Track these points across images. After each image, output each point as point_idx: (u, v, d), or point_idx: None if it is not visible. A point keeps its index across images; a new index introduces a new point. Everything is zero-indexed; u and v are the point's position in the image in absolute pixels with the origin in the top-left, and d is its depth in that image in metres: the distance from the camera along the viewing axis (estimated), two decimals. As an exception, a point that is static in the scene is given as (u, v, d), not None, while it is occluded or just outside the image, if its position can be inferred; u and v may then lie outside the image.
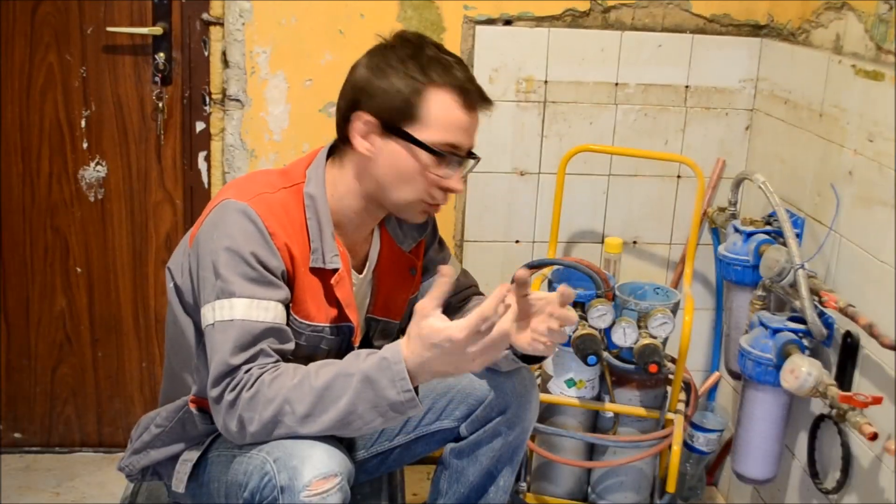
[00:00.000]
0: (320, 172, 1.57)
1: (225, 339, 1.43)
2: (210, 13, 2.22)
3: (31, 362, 2.45)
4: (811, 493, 1.97)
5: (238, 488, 1.47)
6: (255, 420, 1.40)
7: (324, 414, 1.38)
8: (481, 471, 1.76)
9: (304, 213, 1.54)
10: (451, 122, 1.50)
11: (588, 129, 2.31)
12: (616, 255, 2.14)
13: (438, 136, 1.50)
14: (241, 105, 2.24)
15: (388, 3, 2.19)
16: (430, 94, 1.49)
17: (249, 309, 1.44)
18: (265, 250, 1.46)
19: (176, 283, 1.60)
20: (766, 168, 2.23)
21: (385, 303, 1.72)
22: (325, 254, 1.53)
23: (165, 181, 2.35)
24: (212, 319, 1.45)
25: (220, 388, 1.42)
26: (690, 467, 2.36)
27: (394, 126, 1.50)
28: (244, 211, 1.47)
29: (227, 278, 1.44)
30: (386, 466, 1.82)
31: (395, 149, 1.51)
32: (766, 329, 1.91)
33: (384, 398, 1.36)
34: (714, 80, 2.31)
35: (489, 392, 1.71)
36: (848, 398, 1.71)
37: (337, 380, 1.38)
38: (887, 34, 1.80)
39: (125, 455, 1.72)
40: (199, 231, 1.52)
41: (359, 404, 1.37)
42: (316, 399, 1.38)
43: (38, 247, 2.37)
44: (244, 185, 1.54)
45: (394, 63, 1.50)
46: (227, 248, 1.45)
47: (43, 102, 2.27)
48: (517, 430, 1.73)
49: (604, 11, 2.26)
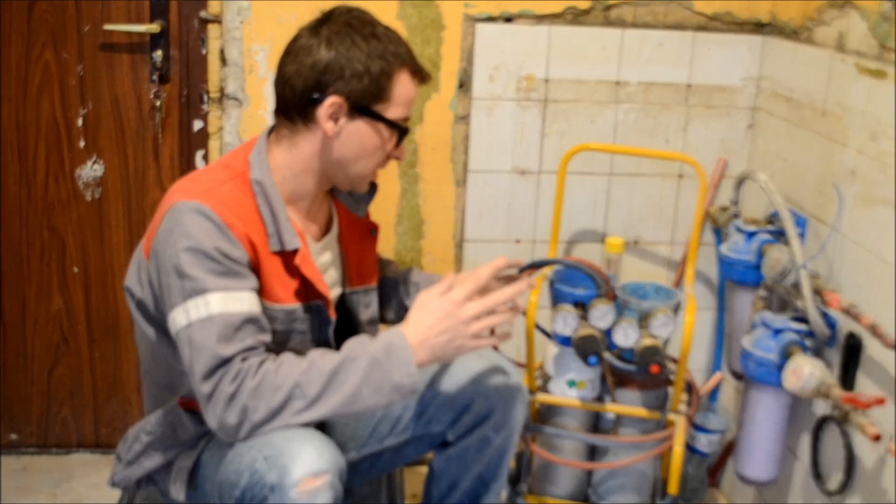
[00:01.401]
0: (263, 157, 1.58)
1: (208, 336, 1.42)
2: (208, 11, 2.21)
3: (27, 363, 2.44)
4: (814, 494, 1.96)
5: (230, 487, 1.47)
6: (262, 408, 1.40)
7: (332, 396, 1.42)
8: (473, 477, 1.76)
9: (255, 199, 1.55)
10: (408, 98, 1.59)
11: (589, 128, 2.30)
12: (617, 254, 2.13)
13: (399, 113, 1.58)
14: (239, 103, 2.23)
15: (388, 2, 2.17)
16: (398, 75, 1.55)
17: (225, 302, 1.44)
18: (226, 243, 1.46)
19: (137, 299, 1.58)
20: (768, 167, 2.22)
21: (358, 270, 1.75)
22: (282, 236, 1.55)
23: (163, 180, 2.34)
24: (186, 321, 1.44)
25: (213, 380, 1.41)
26: (692, 468, 2.35)
27: (364, 107, 1.54)
28: (197, 209, 1.46)
29: (194, 277, 1.43)
30: (377, 469, 1.81)
31: (362, 128, 1.56)
32: (768, 329, 1.90)
33: (389, 380, 1.43)
34: (716, 78, 2.30)
35: (474, 397, 1.71)
36: (851, 399, 1.70)
37: (344, 364, 1.43)
38: (890, 32, 1.79)
39: (117, 471, 1.70)
40: (155, 240, 1.51)
41: (365, 386, 1.42)
42: (325, 382, 1.41)
43: (34, 246, 2.36)
44: (189, 186, 1.53)
45: (359, 43, 1.53)
46: (187, 248, 1.44)
47: (39, 101, 2.26)
48: (504, 434, 1.74)
49: (605, 9, 2.25)
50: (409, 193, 2.31)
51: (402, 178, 2.30)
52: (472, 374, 1.72)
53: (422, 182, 2.32)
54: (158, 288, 1.50)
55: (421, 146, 2.29)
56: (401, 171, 2.30)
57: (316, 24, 1.58)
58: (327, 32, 1.55)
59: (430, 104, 2.26)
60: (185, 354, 1.44)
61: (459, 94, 2.27)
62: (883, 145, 1.75)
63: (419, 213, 2.33)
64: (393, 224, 2.32)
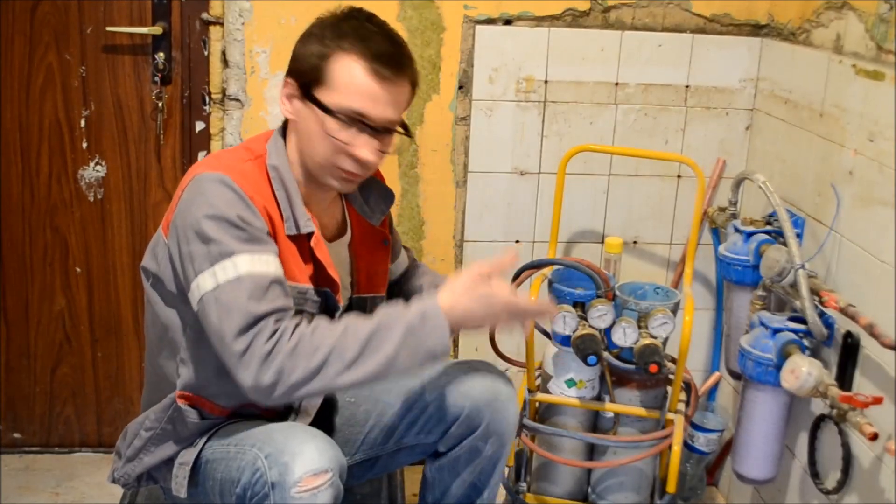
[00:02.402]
0: (280, 144, 1.60)
1: (238, 295, 1.42)
2: (210, 13, 2.22)
3: (30, 362, 2.45)
4: (811, 493, 1.97)
5: (231, 484, 1.47)
6: (299, 369, 1.41)
7: (368, 361, 1.43)
8: (465, 485, 1.76)
9: (271, 184, 1.56)
10: (356, 88, 1.51)
11: (588, 129, 2.31)
12: (616, 254, 2.14)
13: (343, 102, 1.52)
14: (240, 105, 2.24)
15: (388, 3, 2.18)
16: (336, 58, 1.52)
17: (253, 263, 1.45)
18: (248, 212, 1.48)
19: (155, 275, 1.59)
20: (766, 168, 2.23)
21: (368, 278, 1.75)
22: (297, 220, 1.56)
23: (165, 181, 2.35)
24: (213, 284, 1.44)
25: (246, 338, 1.41)
26: (691, 467, 2.36)
27: (307, 90, 1.54)
28: (220, 180, 1.48)
29: (220, 241, 1.45)
30: (372, 473, 1.81)
31: (308, 112, 1.55)
32: (766, 329, 1.91)
33: (423, 346, 1.44)
34: (714, 79, 2.31)
35: (462, 409, 1.70)
36: (848, 398, 1.70)
37: (379, 330, 1.44)
38: (888, 34, 1.80)
39: (117, 466, 1.70)
40: (176, 213, 1.52)
41: (400, 352, 1.43)
42: (362, 347, 1.43)
43: (37, 247, 2.37)
44: (212, 162, 1.56)
45: (316, 31, 1.56)
46: (211, 215, 1.45)
47: (42, 102, 2.27)
48: (495, 444, 1.72)
49: (604, 11, 2.26)
50: (410, 194, 2.32)
51: (402, 179, 2.31)
52: (461, 386, 1.71)
53: (422, 183, 2.33)
54: (179, 259, 1.50)
55: (421, 147, 2.30)
56: (401, 172, 2.31)
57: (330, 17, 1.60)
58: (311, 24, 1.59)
59: (430, 105, 2.27)
60: (213, 317, 1.44)
61: (459, 96, 2.28)
62: (881, 146, 1.75)
63: (419, 213, 2.34)
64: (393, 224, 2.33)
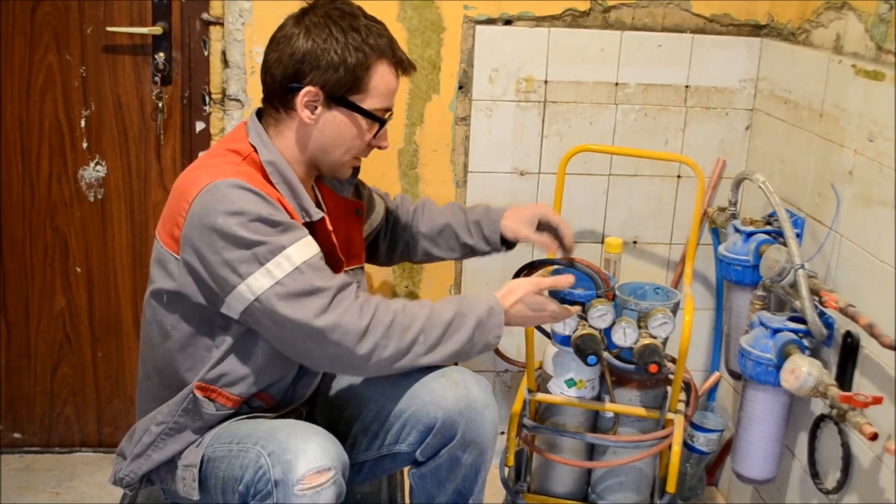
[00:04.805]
0: (266, 139, 1.62)
1: (305, 282, 1.48)
2: (210, 13, 2.22)
3: (30, 362, 2.45)
4: (811, 493, 1.97)
5: (234, 482, 1.47)
6: (391, 346, 1.52)
7: (446, 345, 1.56)
8: (449, 492, 1.74)
9: (269, 179, 1.58)
10: (388, 89, 1.62)
11: (588, 129, 2.31)
12: (616, 255, 2.14)
13: (377, 103, 1.62)
14: (240, 105, 2.24)
15: (388, 3, 2.18)
16: (375, 66, 1.58)
17: (301, 251, 1.50)
18: (272, 208, 1.51)
19: (175, 292, 1.55)
20: (766, 168, 2.23)
21: (347, 250, 1.76)
22: (307, 209, 1.60)
23: (165, 181, 2.35)
24: (270, 282, 1.47)
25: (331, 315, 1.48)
26: (690, 467, 2.36)
27: (340, 97, 1.58)
28: (237, 184, 1.49)
29: (263, 241, 1.47)
30: (359, 479, 1.80)
31: (339, 117, 1.60)
32: (766, 329, 1.91)
33: (485, 339, 1.60)
34: (714, 79, 2.31)
35: (436, 420, 1.66)
36: (848, 398, 1.71)
37: (456, 318, 1.57)
38: (887, 34, 1.80)
39: (121, 467, 1.67)
40: (189, 226, 1.50)
41: (470, 341, 1.58)
42: (443, 332, 1.56)
43: (37, 247, 2.37)
44: (210, 170, 1.54)
45: (336, 35, 1.56)
46: (243, 220, 1.47)
47: (42, 102, 2.27)
48: (474, 452, 1.70)
49: (604, 11, 2.26)
50: (410, 194, 2.31)
51: (402, 179, 2.31)
52: (434, 395, 1.66)
53: (422, 183, 2.33)
54: (208, 268, 1.50)
55: (421, 147, 2.30)
56: (401, 172, 2.31)
57: (300, 13, 1.61)
58: (308, 22, 1.58)
59: (431, 105, 2.28)
60: (282, 310, 1.47)
61: (459, 96, 2.28)
62: (880, 146, 1.76)
63: (420, 213, 2.34)
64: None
